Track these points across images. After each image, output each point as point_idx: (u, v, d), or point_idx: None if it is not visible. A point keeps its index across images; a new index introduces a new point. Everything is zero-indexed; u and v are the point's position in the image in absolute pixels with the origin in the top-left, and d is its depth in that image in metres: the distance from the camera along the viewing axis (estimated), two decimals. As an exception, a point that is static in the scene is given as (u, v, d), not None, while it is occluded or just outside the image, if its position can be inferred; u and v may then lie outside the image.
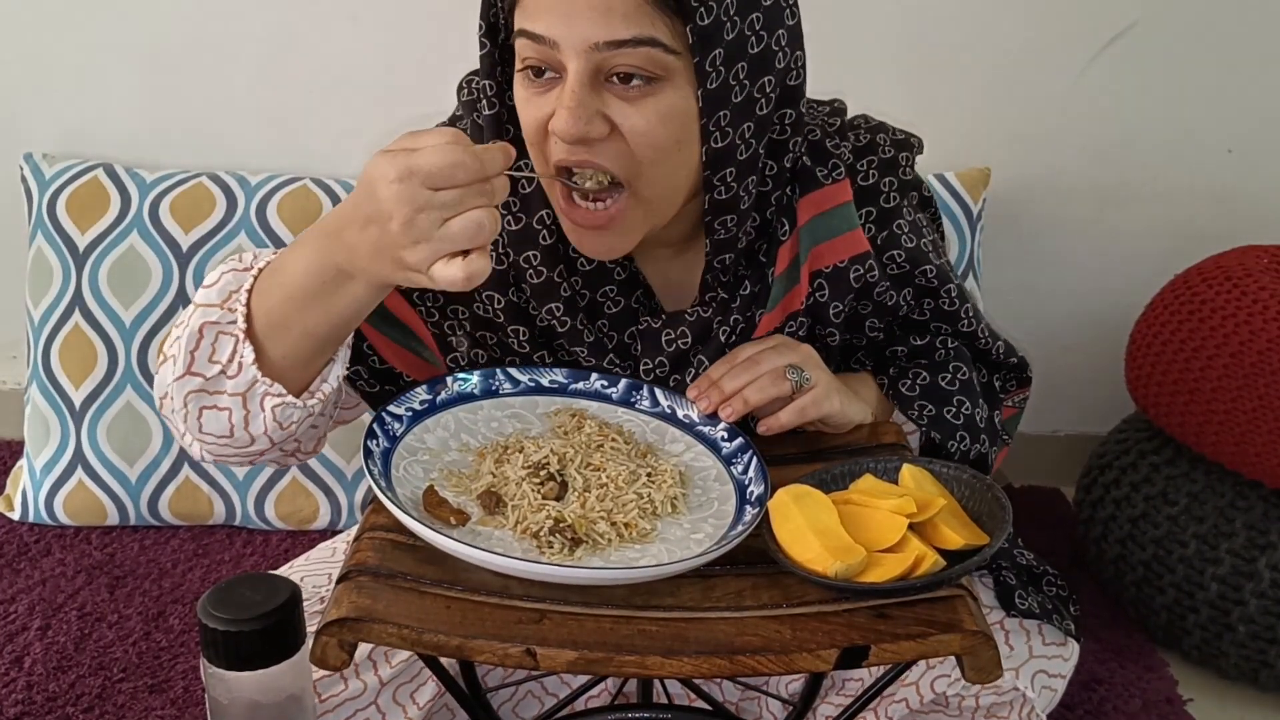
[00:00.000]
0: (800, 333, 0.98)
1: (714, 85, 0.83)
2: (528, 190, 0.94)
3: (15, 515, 1.62)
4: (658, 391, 0.99)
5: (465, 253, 0.75)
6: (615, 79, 0.83)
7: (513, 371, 0.99)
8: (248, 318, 0.84)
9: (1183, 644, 1.46)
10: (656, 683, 1.02)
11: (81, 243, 1.59)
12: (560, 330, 0.97)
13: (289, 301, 0.83)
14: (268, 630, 0.64)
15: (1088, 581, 1.59)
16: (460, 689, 0.84)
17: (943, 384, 1.02)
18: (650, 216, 0.89)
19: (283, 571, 1.06)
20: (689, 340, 0.97)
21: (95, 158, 1.69)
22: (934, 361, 1.04)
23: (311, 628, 0.94)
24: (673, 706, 1.00)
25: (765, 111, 0.89)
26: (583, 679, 1.05)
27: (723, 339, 0.96)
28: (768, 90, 0.88)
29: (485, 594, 0.76)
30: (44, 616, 1.42)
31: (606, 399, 0.99)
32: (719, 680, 1.09)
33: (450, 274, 0.75)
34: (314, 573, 1.05)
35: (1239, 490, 1.41)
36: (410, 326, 1.00)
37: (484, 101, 0.92)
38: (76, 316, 1.58)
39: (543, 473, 0.86)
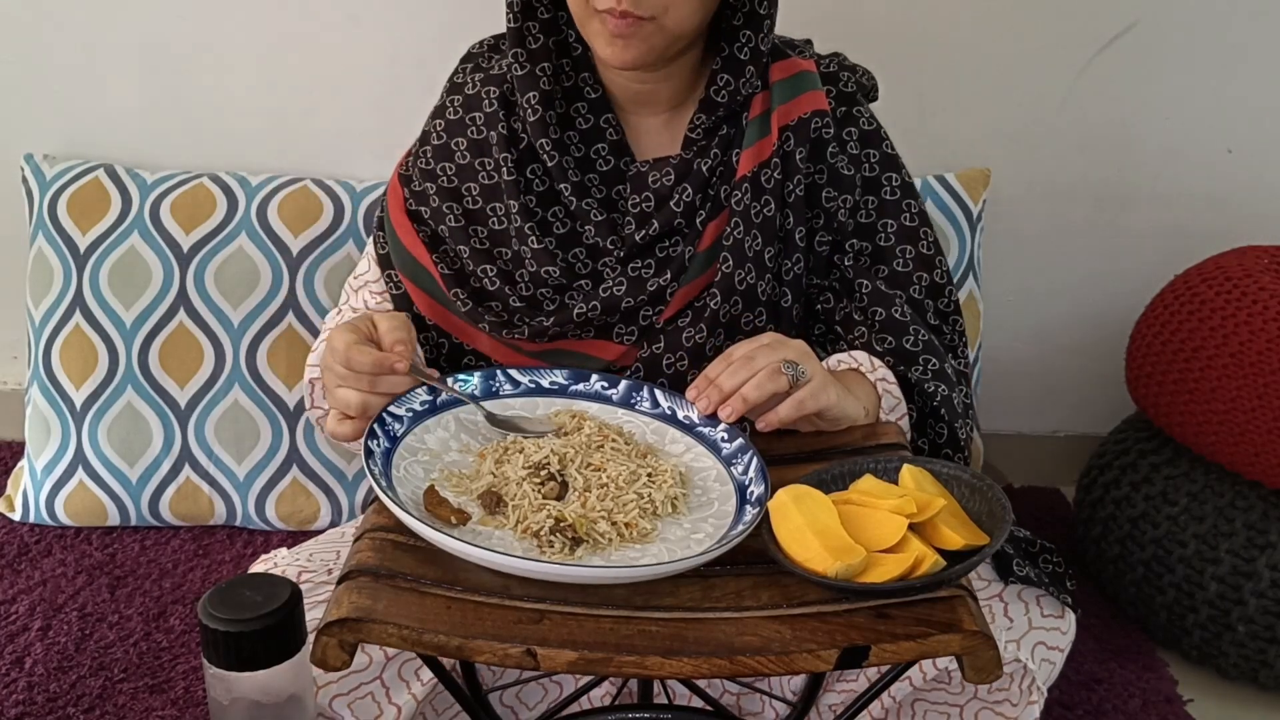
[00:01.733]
0: (772, 179, 1.07)
1: None
2: (534, 47, 1.07)
3: (16, 516, 1.62)
4: (658, 392, 0.99)
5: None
6: None
7: (513, 372, 0.99)
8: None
9: (1183, 644, 1.46)
10: (657, 682, 1.02)
11: (82, 243, 1.59)
12: (549, 165, 1.07)
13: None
14: (268, 631, 0.65)
15: (1088, 581, 1.59)
16: (460, 688, 0.84)
17: (906, 345, 1.09)
18: (667, 43, 1.02)
19: (292, 551, 1.07)
20: (672, 178, 1.09)
21: (96, 158, 1.69)
22: (890, 317, 1.10)
23: (319, 598, 0.95)
24: (673, 707, 1.00)
25: None
26: (584, 678, 1.05)
27: (704, 172, 1.08)
28: None
29: (485, 594, 0.76)
30: (45, 617, 1.42)
31: (606, 400, 0.99)
32: (720, 680, 1.09)
33: (331, 425, 0.96)
34: (324, 549, 1.06)
35: (1239, 490, 1.41)
36: (430, 272, 1.11)
37: None
38: (77, 317, 1.58)
39: (543, 473, 0.86)
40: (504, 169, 1.09)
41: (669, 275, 1.07)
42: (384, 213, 1.15)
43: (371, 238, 1.18)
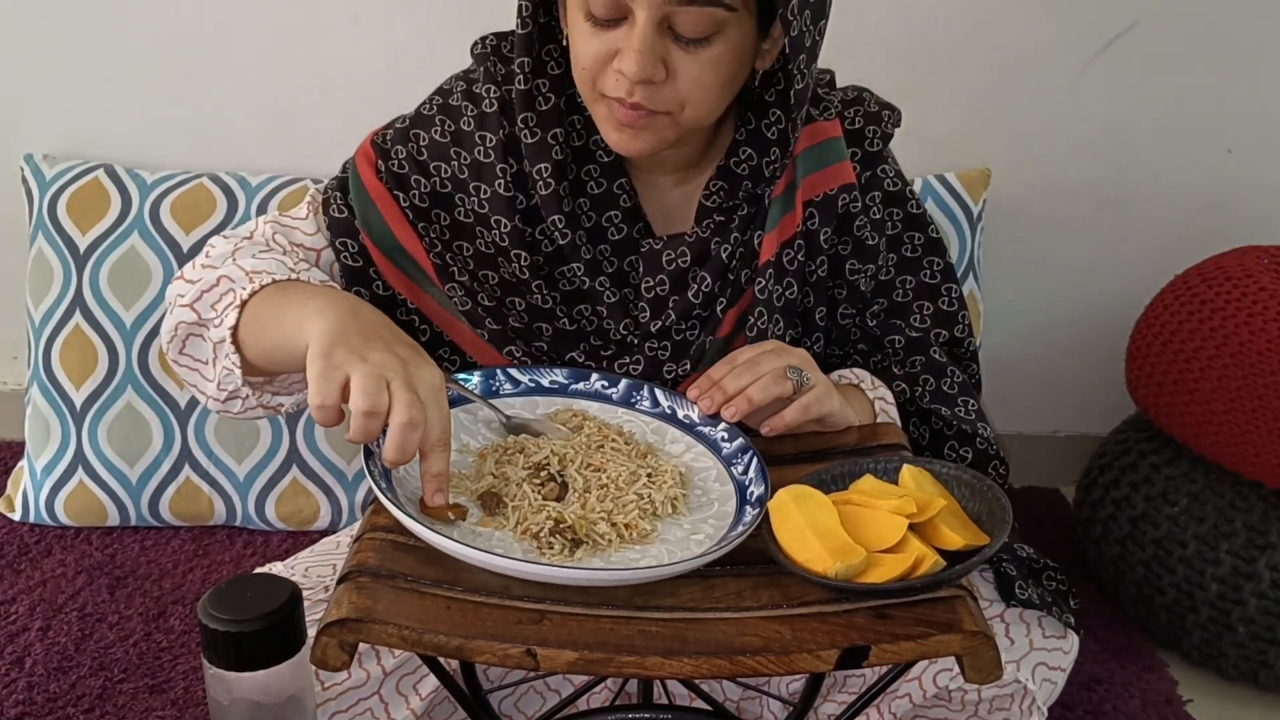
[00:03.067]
0: (795, 260, 1.03)
1: (794, 33, 0.91)
2: (545, 108, 1.01)
3: (16, 516, 1.62)
4: (658, 392, 0.99)
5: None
6: (673, 29, 0.91)
7: (513, 372, 0.99)
8: (251, 296, 0.90)
9: (1183, 644, 1.46)
10: (657, 683, 1.02)
11: (82, 243, 1.59)
12: (561, 243, 1.02)
13: (278, 306, 0.89)
14: (268, 631, 0.64)
15: (1088, 581, 1.59)
16: (460, 689, 0.84)
17: (944, 387, 1.07)
18: (680, 135, 0.97)
19: (287, 563, 1.06)
20: (688, 259, 1.03)
21: (96, 158, 1.69)
22: (930, 359, 1.08)
23: (315, 616, 0.95)
24: (673, 707, 1.00)
25: (819, 50, 0.98)
26: (584, 679, 1.05)
27: (724, 258, 1.03)
28: (823, 32, 0.97)
29: (485, 594, 0.76)
30: (45, 617, 1.42)
31: (607, 399, 0.99)
32: (720, 680, 1.09)
33: (349, 394, 0.79)
34: (319, 563, 1.05)
35: (1239, 490, 1.41)
36: (415, 258, 1.05)
37: (519, 21, 0.99)
38: (77, 317, 1.58)
39: (543, 473, 0.86)
40: (504, 224, 1.03)
41: (687, 365, 1.05)
42: (349, 173, 1.06)
43: (320, 194, 1.07)
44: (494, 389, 0.98)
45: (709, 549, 0.80)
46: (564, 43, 0.99)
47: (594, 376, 1.00)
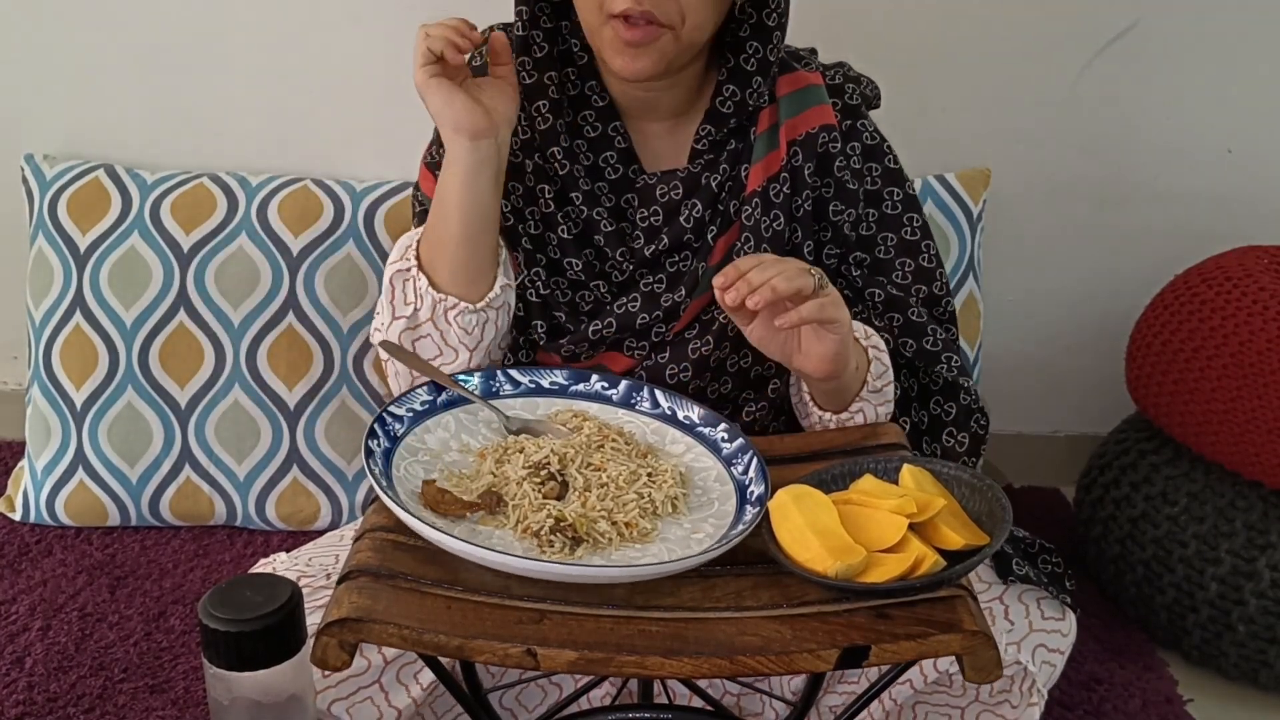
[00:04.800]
0: (781, 193, 1.08)
1: None
2: (540, 55, 1.08)
3: (16, 516, 1.62)
4: (658, 392, 0.99)
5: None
6: None
7: (513, 373, 0.99)
8: (419, 259, 1.02)
9: (1183, 644, 1.46)
10: (657, 682, 1.02)
11: (82, 243, 1.59)
12: (561, 173, 1.09)
13: (434, 218, 1.02)
14: (268, 631, 0.64)
15: (1088, 581, 1.59)
16: (460, 688, 0.84)
17: (926, 345, 1.11)
18: (679, 52, 1.02)
19: (291, 554, 1.06)
20: (680, 192, 1.10)
21: (96, 158, 1.69)
22: (908, 320, 1.12)
23: (318, 603, 0.95)
24: (673, 707, 1.00)
25: None
26: (584, 678, 1.05)
27: (713, 187, 1.10)
28: None
29: (485, 594, 0.76)
30: (45, 617, 1.42)
31: (607, 400, 0.99)
32: (721, 681, 1.09)
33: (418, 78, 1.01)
34: (322, 554, 1.06)
35: (1239, 490, 1.41)
36: None
37: None
38: (77, 317, 1.58)
39: (543, 472, 0.86)
40: (528, 163, 1.10)
41: (683, 292, 1.08)
42: (419, 195, 1.16)
43: (423, 170, 1.17)
44: (494, 390, 0.98)
45: (709, 548, 0.80)
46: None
47: (594, 377, 1.00)
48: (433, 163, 1.15)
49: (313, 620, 0.84)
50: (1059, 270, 1.80)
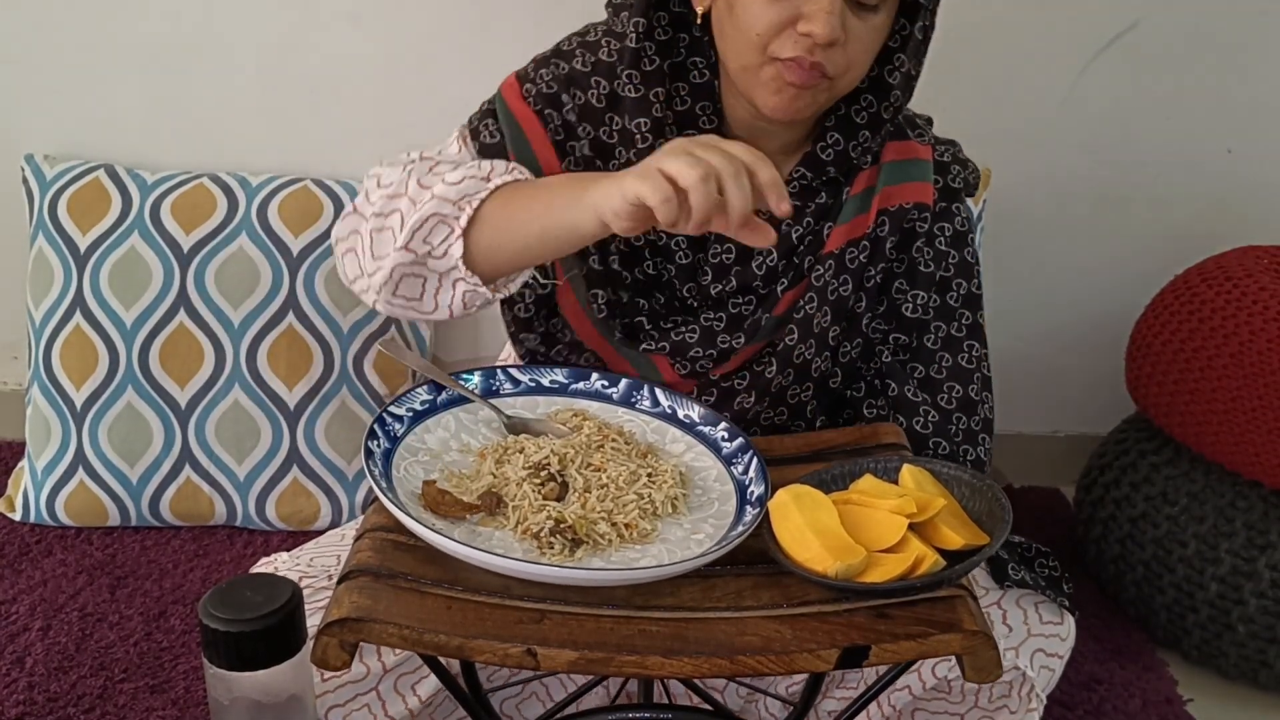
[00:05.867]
0: (858, 260, 1.06)
1: (927, 21, 1.03)
2: (649, 69, 1.02)
3: (16, 516, 1.62)
4: (658, 391, 0.99)
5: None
6: None
7: (513, 371, 0.99)
8: (471, 219, 0.94)
9: (1183, 644, 1.46)
10: (657, 682, 1.02)
11: (82, 243, 1.59)
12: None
13: (523, 210, 0.94)
14: (269, 631, 0.64)
15: (1088, 581, 1.60)
16: (460, 689, 0.84)
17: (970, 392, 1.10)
18: (828, 102, 1.01)
19: (292, 554, 1.06)
20: None
21: (96, 159, 1.69)
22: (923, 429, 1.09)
23: (318, 604, 0.95)
24: (673, 707, 1.00)
25: (923, 51, 1.05)
26: (584, 679, 1.05)
27: (793, 239, 1.06)
28: (929, 35, 1.05)
29: (486, 594, 0.76)
30: (45, 617, 1.42)
31: (607, 399, 0.99)
32: (722, 684, 1.09)
33: (644, 190, 0.83)
34: (323, 554, 1.05)
35: (1239, 490, 1.41)
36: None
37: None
38: (77, 317, 1.58)
39: (543, 473, 0.86)
40: (625, 155, 1.05)
41: (741, 338, 1.07)
42: (495, 104, 1.08)
43: (466, 126, 1.09)
44: (494, 389, 0.98)
45: (709, 549, 0.80)
46: (694, 17, 1.02)
47: (594, 376, 1.00)
48: (527, 77, 1.07)
49: (314, 621, 0.84)
50: (1059, 270, 1.80)
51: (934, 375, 1.09)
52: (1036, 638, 1.02)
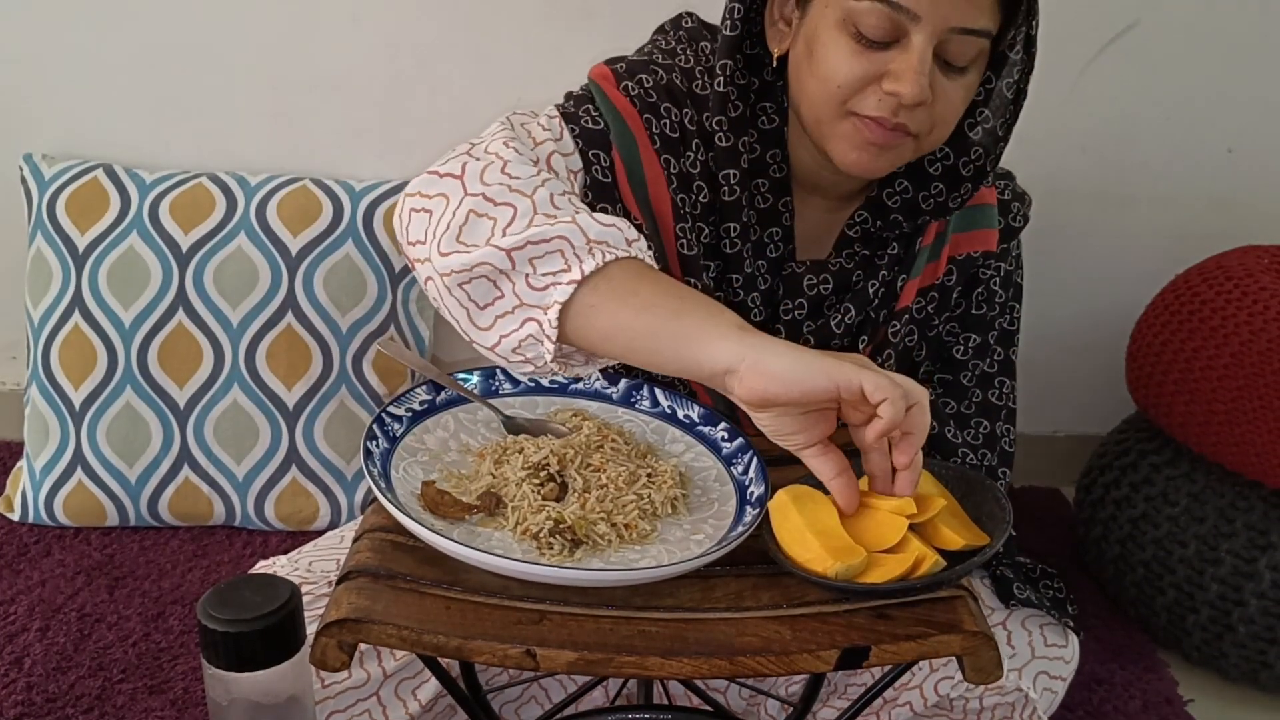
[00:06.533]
0: (925, 311, 1.05)
1: (1016, 77, 0.98)
2: (734, 115, 0.98)
3: (15, 516, 1.62)
4: (658, 391, 0.99)
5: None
6: (941, 54, 0.90)
7: (512, 371, 0.99)
8: (596, 270, 0.79)
9: (1183, 644, 1.46)
10: (657, 683, 1.02)
11: (81, 243, 1.59)
12: (728, 252, 1.01)
13: (637, 308, 0.79)
14: (268, 631, 0.64)
15: (1088, 581, 1.59)
16: (460, 690, 0.84)
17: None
18: (916, 156, 0.97)
19: (290, 557, 1.06)
20: (830, 287, 1.04)
21: (95, 158, 1.69)
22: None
23: (317, 611, 0.95)
24: (673, 707, 1.00)
25: (1014, 111, 1.01)
26: (583, 679, 1.05)
27: (869, 292, 1.04)
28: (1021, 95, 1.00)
29: (485, 595, 0.76)
30: (44, 617, 1.42)
31: (606, 399, 0.99)
32: (723, 686, 1.09)
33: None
34: (322, 558, 1.05)
35: (1239, 491, 1.41)
36: (651, 190, 1.00)
37: (728, 24, 0.97)
38: (76, 317, 1.58)
39: (542, 473, 0.86)
40: (704, 191, 1.00)
41: None
42: (590, 92, 1.01)
43: (559, 109, 1.00)
44: (493, 389, 0.98)
45: (709, 549, 0.80)
46: (770, 60, 0.98)
47: (593, 376, 1.00)
48: (623, 71, 1.01)
49: (314, 630, 0.84)
50: (1059, 270, 1.79)
51: (964, 410, 1.09)
52: (1040, 660, 1.02)
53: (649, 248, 0.83)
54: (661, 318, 0.77)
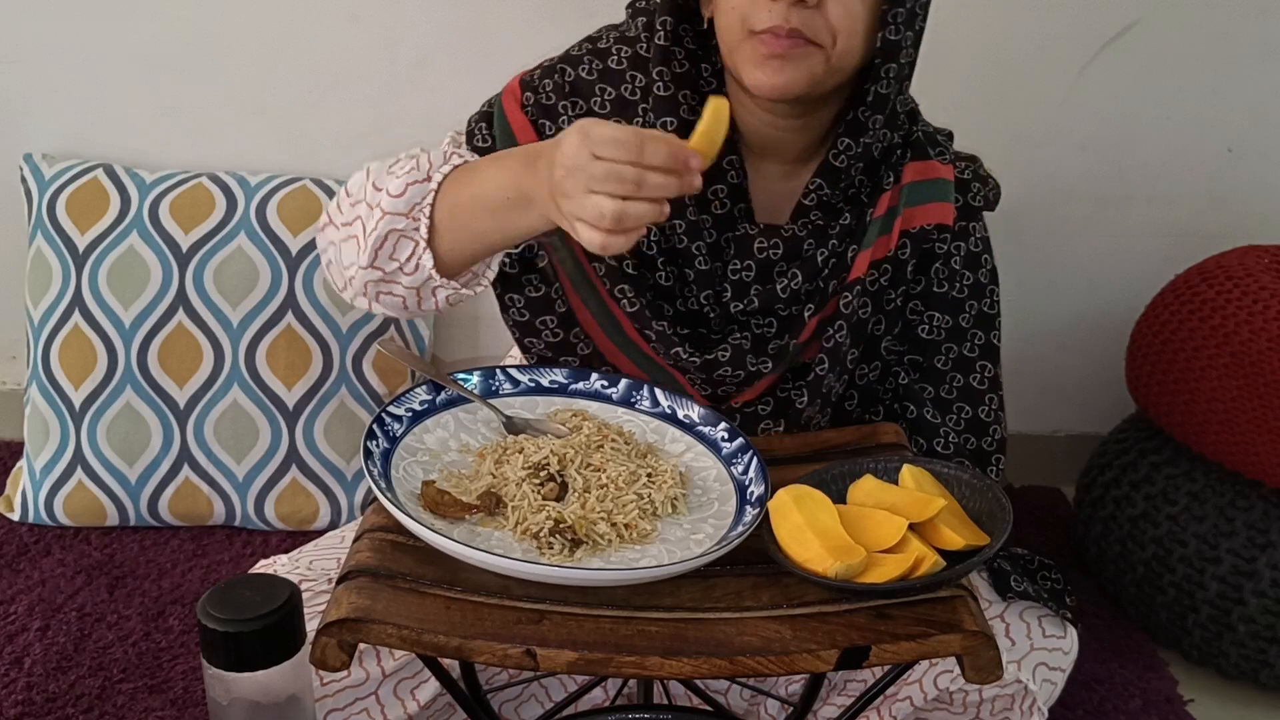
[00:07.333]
0: (879, 284, 1.04)
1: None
2: (679, 70, 1.02)
3: (15, 516, 1.62)
4: (658, 392, 0.99)
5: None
6: None
7: (512, 371, 0.99)
8: (430, 226, 0.93)
9: (1183, 643, 1.46)
10: (657, 683, 1.02)
11: (81, 243, 1.59)
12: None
13: (473, 208, 0.92)
14: (267, 631, 0.64)
15: (1088, 581, 1.59)
16: (460, 689, 0.84)
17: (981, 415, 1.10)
18: (826, 75, 0.96)
19: (291, 556, 1.06)
20: (779, 252, 1.04)
21: (95, 158, 1.69)
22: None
23: (318, 608, 0.95)
24: (673, 707, 1.00)
25: (920, 29, 1.02)
26: (584, 679, 1.05)
27: (818, 261, 1.05)
28: (926, 12, 1.02)
29: (485, 594, 0.76)
30: (44, 617, 1.42)
31: (606, 399, 0.99)
32: (724, 686, 1.09)
33: (587, 236, 0.82)
34: (322, 557, 1.05)
35: (1239, 490, 1.41)
36: None
37: None
38: (76, 317, 1.58)
39: (543, 473, 0.86)
40: None
41: (769, 364, 1.05)
42: (494, 108, 1.07)
43: (462, 131, 1.08)
44: (494, 389, 0.98)
45: (709, 549, 0.80)
46: (704, 24, 1.01)
47: (594, 376, 1.00)
48: (530, 84, 1.06)
49: (314, 627, 0.84)
50: (1059, 270, 1.79)
51: (944, 396, 1.09)
52: (1039, 651, 1.02)
53: (445, 155, 0.97)
54: (487, 226, 0.92)
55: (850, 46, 0.95)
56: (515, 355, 1.23)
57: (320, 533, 1.60)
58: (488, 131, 1.06)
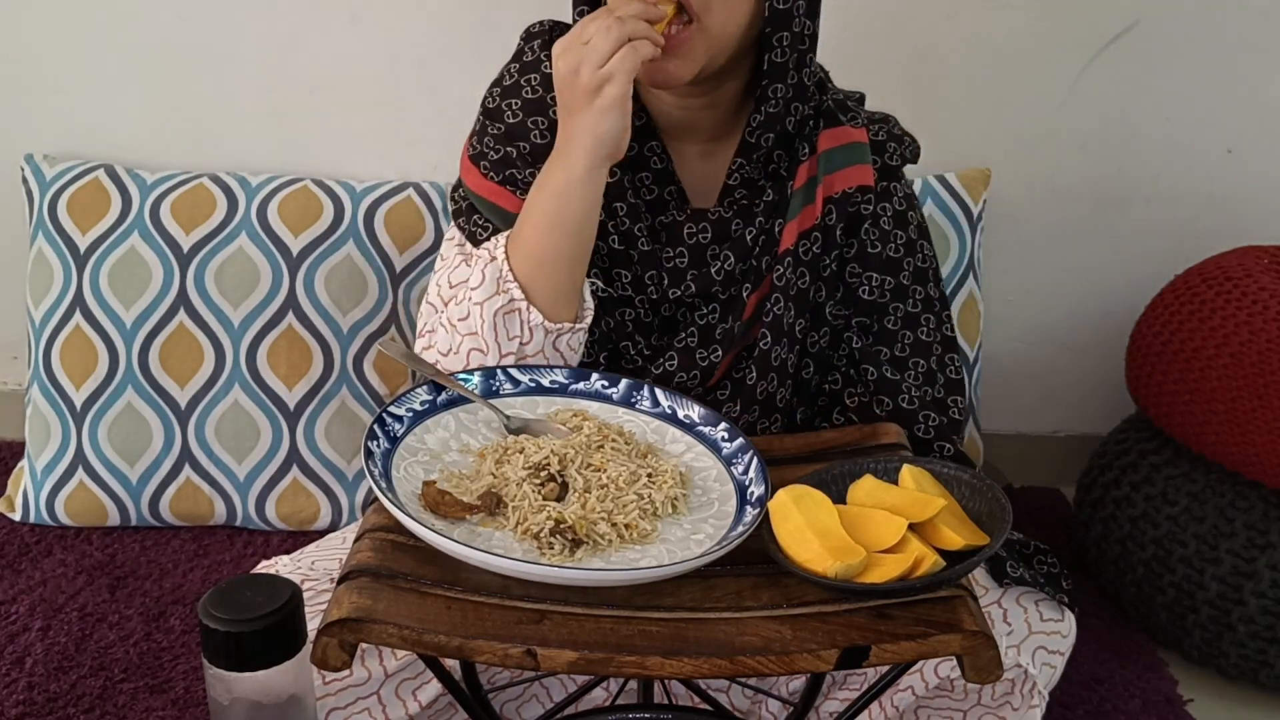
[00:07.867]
0: (811, 252, 1.06)
1: None
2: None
3: (16, 516, 1.62)
4: (658, 391, 0.99)
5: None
6: None
7: (513, 372, 0.99)
8: (520, 287, 0.98)
9: (1183, 644, 1.46)
10: (657, 683, 1.02)
11: (82, 243, 1.59)
12: (609, 180, 1.03)
13: (538, 237, 0.98)
14: (268, 631, 0.64)
15: (1088, 581, 1.59)
16: (461, 689, 0.84)
17: (917, 433, 1.09)
18: (709, 50, 0.98)
19: (293, 556, 1.06)
20: (709, 235, 1.07)
21: (96, 159, 1.69)
22: (898, 406, 1.10)
23: (319, 607, 0.95)
24: (673, 707, 1.00)
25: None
26: (584, 679, 1.05)
27: (747, 240, 1.06)
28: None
29: (485, 594, 0.76)
30: (45, 617, 1.42)
31: (607, 399, 0.99)
32: (725, 685, 1.09)
33: (617, 75, 0.91)
34: (324, 557, 1.05)
35: (1239, 490, 1.41)
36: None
37: (574, 14, 1.06)
38: (77, 317, 1.58)
39: (543, 473, 0.86)
40: None
41: (719, 352, 1.06)
42: (463, 191, 1.11)
43: (451, 231, 1.12)
44: (494, 389, 0.98)
45: (709, 549, 0.80)
46: None
47: (594, 376, 1.00)
48: (478, 154, 1.09)
49: (316, 625, 0.84)
50: (1059, 270, 1.79)
51: (898, 354, 1.11)
52: (1038, 635, 1.03)
53: (492, 231, 1.05)
54: (554, 232, 0.97)
55: (726, 18, 0.97)
56: None
57: (321, 533, 1.60)
58: (481, 219, 1.08)
